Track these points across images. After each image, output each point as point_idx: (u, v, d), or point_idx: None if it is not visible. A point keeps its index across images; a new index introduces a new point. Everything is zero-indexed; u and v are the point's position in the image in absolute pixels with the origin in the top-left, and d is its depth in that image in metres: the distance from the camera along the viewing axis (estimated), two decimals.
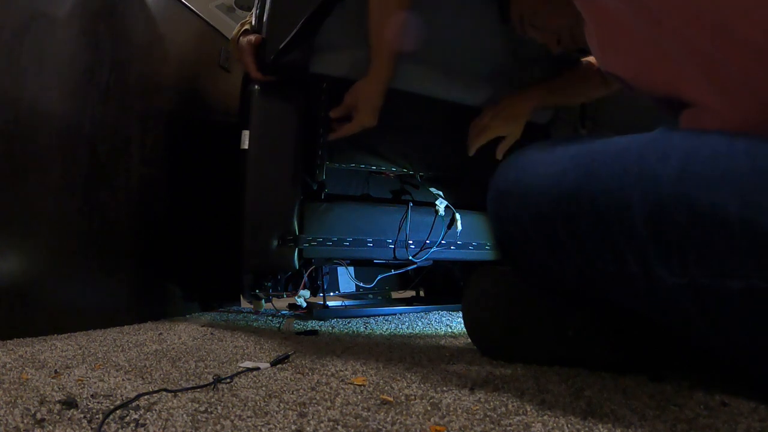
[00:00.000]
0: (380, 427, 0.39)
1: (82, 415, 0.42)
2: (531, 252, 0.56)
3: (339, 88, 0.95)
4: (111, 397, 0.47)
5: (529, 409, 0.43)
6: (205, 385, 0.51)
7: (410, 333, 0.93)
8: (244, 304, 1.39)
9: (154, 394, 0.48)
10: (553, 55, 0.78)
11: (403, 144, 1.05)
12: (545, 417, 0.41)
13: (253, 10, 1.06)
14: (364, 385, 0.52)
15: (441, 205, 1.06)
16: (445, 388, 0.50)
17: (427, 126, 1.07)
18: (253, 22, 1.04)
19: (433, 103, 1.04)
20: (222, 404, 0.45)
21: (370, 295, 1.44)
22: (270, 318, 1.14)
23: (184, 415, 0.42)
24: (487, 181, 0.63)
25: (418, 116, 1.05)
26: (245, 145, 0.95)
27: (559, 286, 0.58)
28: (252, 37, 0.97)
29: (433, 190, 1.08)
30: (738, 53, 0.46)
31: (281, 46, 0.88)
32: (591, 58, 1.01)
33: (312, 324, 1.05)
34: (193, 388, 0.51)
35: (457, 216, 1.07)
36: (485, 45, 0.99)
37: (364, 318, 1.15)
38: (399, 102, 0.95)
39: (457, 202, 1.09)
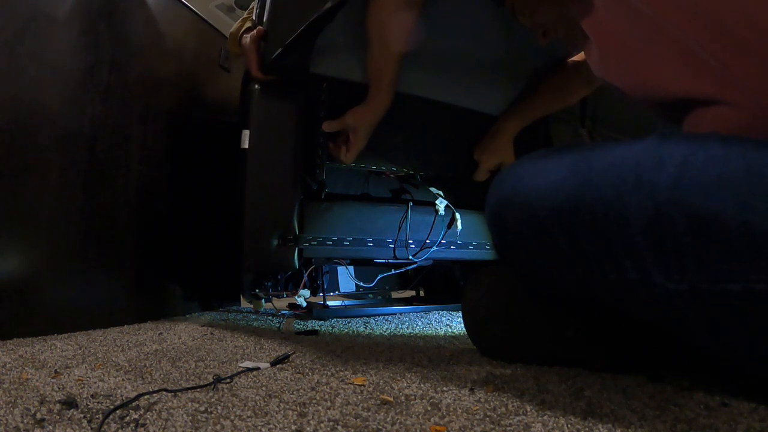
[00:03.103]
0: (380, 427, 0.39)
1: (82, 415, 0.42)
2: (530, 260, 0.56)
3: (339, 88, 0.95)
4: (111, 397, 0.47)
5: (529, 409, 0.43)
6: (205, 385, 0.51)
7: (410, 333, 0.93)
8: (244, 304, 1.39)
9: (154, 394, 0.48)
10: (542, 46, 0.78)
11: (403, 144, 1.05)
12: (545, 417, 0.41)
13: (255, 3, 1.05)
14: (364, 385, 0.52)
15: (441, 204, 1.06)
16: (445, 388, 0.50)
17: (427, 126, 1.07)
18: (254, 18, 1.04)
19: (433, 103, 1.05)
20: (222, 404, 0.45)
21: (370, 295, 1.44)
22: (270, 318, 1.15)
23: (184, 415, 0.42)
24: (486, 181, 0.63)
25: (417, 116, 1.05)
26: (245, 144, 0.95)
27: (559, 293, 0.58)
28: (254, 32, 0.96)
29: (433, 189, 1.08)
30: (738, 58, 0.46)
31: (281, 49, 0.88)
32: (573, 59, 1.02)
33: (312, 324, 1.05)
34: (193, 388, 0.51)
35: (457, 215, 1.07)
36: (483, 44, 0.99)
37: (364, 318, 1.15)
38: (398, 103, 0.95)
39: (457, 202, 1.09)
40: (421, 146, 1.07)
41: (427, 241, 1.05)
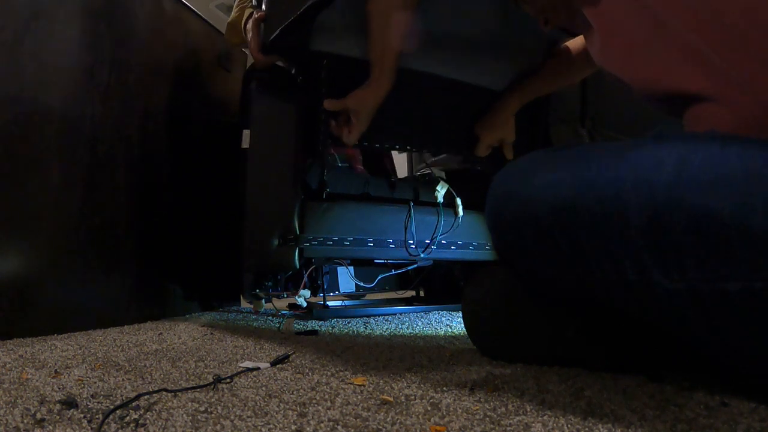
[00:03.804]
0: (380, 427, 0.39)
1: (82, 415, 0.42)
2: (530, 260, 0.56)
3: (340, 67, 0.94)
4: (111, 397, 0.47)
5: (529, 409, 0.43)
6: (205, 385, 0.51)
7: (410, 333, 0.93)
8: (244, 304, 1.39)
9: (154, 394, 0.48)
10: (544, 32, 0.78)
11: (405, 121, 1.03)
12: (545, 417, 0.41)
13: None
14: (364, 385, 0.52)
15: (441, 190, 1.05)
16: (445, 388, 0.50)
17: (429, 103, 1.06)
18: (254, 2, 1.04)
19: (434, 79, 1.03)
20: (222, 404, 0.45)
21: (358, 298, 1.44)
22: (270, 318, 1.14)
23: (184, 415, 0.42)
24: (486, 180, 0.63)
25: (419, 93, 1.03)
26: (246, 144, 0.95)
27: (559, 293, 0.58)
28: (256, 14, 0.97)
29: (434, 170, 1.07)
30: (739, 54, 0.46)
31: (280, 29, 0.88)
32: (570, 42, 1.02)
33: (312, 324, 1.04)
34: (193, 388, 0.51)
35: (458, 201, 1.06)
36: (485, 21, 0.98)
37: (364, 318, 1.15)
38: (400, 79, 0.94)
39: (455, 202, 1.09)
40: (423, 123, 1.05)
41: (435, 237, 1.05)
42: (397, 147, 1.05)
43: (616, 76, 0.59)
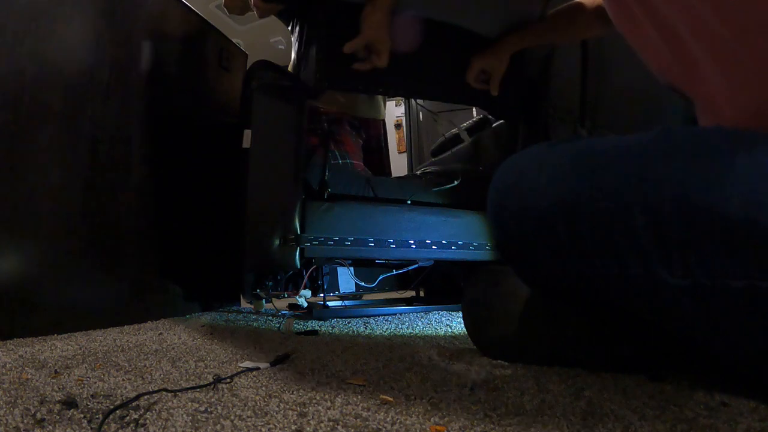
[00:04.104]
0: (380, 427, 0.39)
1: (82, 415, 0.42)
2: (531, 254, 0.55)
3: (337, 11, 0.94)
4: (111, 397, 0.47)
5: (529, 409, 0.43)
6: (205, 385, 0.51)
7: (410, 333, 0.93)
8: (244, 304, 1.39)
9: (154, 394, 0.48)
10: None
11: (403, 71, 1.03)
12: (545, 417, 0.41)
13: None
14: (364, 385, 0.52)
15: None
16: (445, 388, 0.50)
17: (428, 53, 1.06)
18: None
19: (435, 28, 1.03)
20: (222, 404, 0.45)
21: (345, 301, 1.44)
22: (270, 318, 1.14)
23: (184, 415, 0.42)
24: (487, 180, 0.63)
25: (422, 42, 1.03)
26: (247, 144, 0.95)
27: (560, 289, 0.58)
28: None
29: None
30: (753, 37, 0.45)
31: None
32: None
33: (312, 324, 1.05)
34: (193, 388, 0.51)
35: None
36: None
37: (364, 318, 1.15)
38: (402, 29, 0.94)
39: (456, 202, 1.09)
40: (417, 71, 1.06)
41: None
42: (392, 93, 1.06)
43: (630, 45, 0.58)
